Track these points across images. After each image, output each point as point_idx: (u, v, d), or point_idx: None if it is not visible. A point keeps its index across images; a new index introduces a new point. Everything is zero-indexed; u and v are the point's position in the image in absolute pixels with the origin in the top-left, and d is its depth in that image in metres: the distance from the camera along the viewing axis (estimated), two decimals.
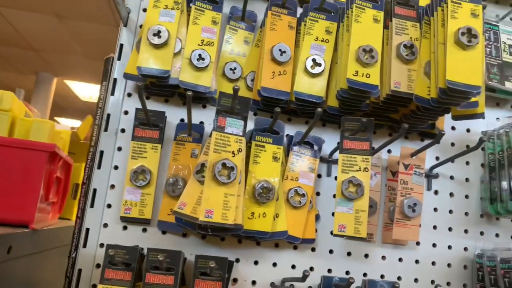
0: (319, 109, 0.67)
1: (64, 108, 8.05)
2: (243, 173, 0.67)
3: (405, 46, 0.73)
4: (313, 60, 0.76)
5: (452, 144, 0.89)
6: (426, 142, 0.88)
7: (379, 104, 0.76)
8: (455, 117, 0.80)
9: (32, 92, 6.73)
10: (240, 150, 0.65)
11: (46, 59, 6.16)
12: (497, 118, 0.92)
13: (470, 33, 0.67)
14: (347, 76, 0.70)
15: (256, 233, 0.71)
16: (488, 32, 0.91)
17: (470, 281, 0.83)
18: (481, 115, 0.77)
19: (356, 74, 0.71)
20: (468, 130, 0.91)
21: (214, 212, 0.62)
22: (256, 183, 0.71)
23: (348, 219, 0.70)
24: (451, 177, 0.88)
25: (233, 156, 0.64)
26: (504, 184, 0.81)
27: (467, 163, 0.89)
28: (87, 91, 6.49)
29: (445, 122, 0.88)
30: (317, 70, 0.76)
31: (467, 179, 0.88)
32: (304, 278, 0.65)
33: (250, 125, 0.74)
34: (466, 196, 0.88)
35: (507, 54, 0.90)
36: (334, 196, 0.82)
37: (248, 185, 0.71)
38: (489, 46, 0.89)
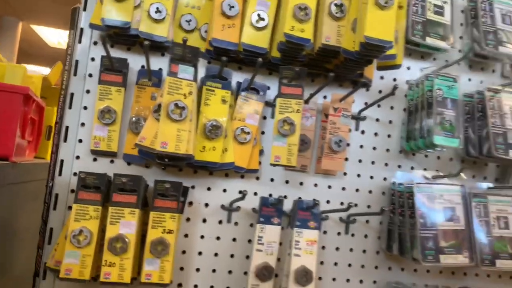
0: (260, 59, 0.79)
1: (31, 55, 7.80)
2: (194, 112, 0.80)
3: (335, 5, 0.85)
4: (258, 15, 0.87)
5: (380, 91, 1.04)
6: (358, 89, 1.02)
7: (314, 56, 0.89)
8: (379, 68, 0.94)
9: None
10: (191, 93, 0.77)
11: (9, 2, 5.88)
12: (421, 69, 1.07)
13: None
14: (284, 30, 0.82)
15: (207, 163, 0.85)
16: None
17: (386, 204, 1.01)
18: (399, 66, 0.92)
19: (292, 29, 0.83)
20: (394, 79, 1.05)
21: (169, 143, 0.75)
22: (206, 122, 0.84)
23: (282, 152, 0.85)
24: (377, 119, 1.03)
25: (184, 98, 0.77)
26: (417, 125, 0.98)
27: (392, 107, 1.05)
28: (55, 37, 6.28)
29: (374, 72, 1.02)
30: (262, 24, 0.87)
31: (390, 121, 1.04)
32: (243, 197, 0.80)
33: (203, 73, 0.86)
34: (389, 136, 1.04)
35: (431, 12, 1.03)
36: None
37: (200, 123, 0.84)
38: (416, 5, 1.02)
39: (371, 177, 1.02)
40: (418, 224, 0.88)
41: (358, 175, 1.02)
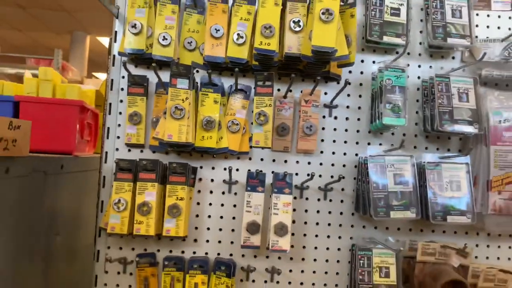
0: (236, 69, 1.08)
1: (100, 64, 8.59)
2: (191, 112, 1.10)
3: (293, 21, 1.10)
4: (238, 34, 1.14)
5: (349, 83, 1.26)
6: (329, 84, 1.26)
7: (284, 62, 1.15)
8: (339, 66, 1.18)
9: (69, 51, 7.28)
10: (187, 98, 1.08)
11: (78, 18, 6.60)
12: (376, 63, 1.27)
13: (328, 12, 1.03)
14: (255, 45, 1.09)
15: (207, 149, 1.15)
16: None
17: (357, 175, 1.25)
18: (352, 64, 1.15)
19: (261, 44, 1.09)
20: (361, 73, 1.27)
21: (173, 135, 1.06)
22: (203, 118, 1.14)
23: (260, 137, 1.13)
24: (347, 107, 1.27)
25: (182, 102, 1.07)
26: (376, 109, 1.19)
27: (360, 96, 1.27)
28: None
29: (344, 68, 1.25)
30: (241, 41, 1.14)
31: (359, 107, 1.27)
32: (230, 171, 1.09)
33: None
34: (358, 119, 1.27)
35: (388, 14, 1.23)
36: None
37: (198, 119, 1.14)
38: (374, 10, 1.23)
39: (344, 154, 1.26)
40: (372, 188, 1.11)
41: (333, 153, 1.26)
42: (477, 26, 1.30)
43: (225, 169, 1.23)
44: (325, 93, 1.26)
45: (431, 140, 1.28)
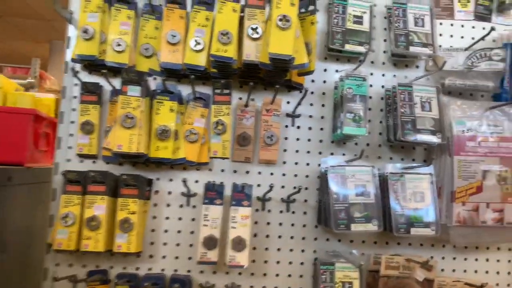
0: (192, 76, 1.03)
1: None
2: (144, 121, 1.05)
3: (251, 28, 1.06)
4: (195, 40, 1.10)
5: (312, 93, 1.24)
6: (292, 93, 1.23)
7: (242, 69, 1.11)
8: (298, 74, 1.15)
9: (48, 59, 7.15)
10: (139, 106, 1.03)
11: (56, 27, 6.50)
12: (337, 71, 1.25)
13: (285, 18, 1.00)
14: (211, 52, 1.05)
15: (161, 159, 1.10)
16: (338, 6, 1.22)
17: (320, 186, 1.21)
18: (312, 72, 1.12)
19: (217, 50, 1.05)
20: (324, 82, 1.25)
21: (123, 145, 1.01)
22: (157, 127, 1.09)
23: (218, 147, 1.08)
24: (310, 116, 1.23)
25: (134, 110, 1.02)
26: (337, 119, 1.16)
27: (323, 105, 1.24)
28: None
29: (306, 76, 1.22)
30: (199, 47, 1.10)
31: (322, 117, 1.24)
32: (184, 182, 1.04)
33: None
34: (321, 129, 1.23)
35: (351, 23, 1.21)
36: None
37: (153, 128, 1.09)
38: (337, 18, 1.21)
39: (307, 164, 1.22)
40: (332, 199, 1.07)
41: (296, 163, 1.22)
42: (440, 35, 1.29)
43: (183, 180, 1.18)
44: (288, 102, 1.23)
45: (395, 150, 1.25)
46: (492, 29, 1.10)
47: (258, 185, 1.20)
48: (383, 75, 1.27)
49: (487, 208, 1.14)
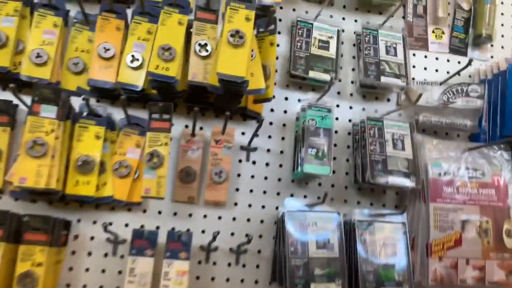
0: (123, 96, 0.85)
1: None
2: (59, 149, 0.85)
3: (199, 44, 0.90)
4: (132, 55, 0.93)
5: (271, 123, 1.08)
6: (248, 122, 1.06)
7: (189, 92, 0.94)
8: (255, 101, 0.98)
9: None
10: (53, 130, 0.82)
11: None
12: (299, 101, 1.10)
13: (238, 34, 0.85)
14: (149, 69, 0.88)
15: (82, 197, 0.89)
16: (302, 29, 1.08)
17: (276, 234, 1.02)
18: (270, 99, 0.96)
19: (157, 68, 0.88)
20: (285, 112, 1.09)
21: (28, 178, 0.79)
22: (78, 157, 0.88)
23: (152, 184, 0.88)
24: (268, 150, 1.06)
25: (46, 135, 0.82)
26: (300, 154, 1.00)
27: (283, 138, 1.08)
28: None
29: (265, 105, 1.06)
30: (136, 64, 0.92)
31: (281, 152, 1.07)
32: (105, 228, 0.83)
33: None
34: (280, 165, 1.06)
35: (316, 48, 1.07)
36: None
37: (72, 159, 0.88)
38: (300, 41, 1.07)
39: (263, 207, 1.04)
40: (288, 252, 0.89)
41: (250, 205, 1.04)
42: (414, 67, 1.18)
43: (110, 224, 0.97)
44: (243, 133, 1.06)
45: (364, 194, 1.09)
46: (471, 60, 0.99)
47: (203, 231, 1.00)
48: (350, 107, 1.12)
49: (466, 265, 0.98)
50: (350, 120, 1.11)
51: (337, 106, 1.11)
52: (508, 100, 1.03)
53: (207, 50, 0.90)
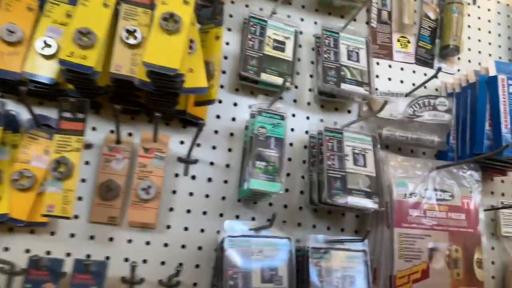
0: (24, 88, 0.67)
1: None
2: None
3: (127, 31, 0.74)
4: (44, 41, 0.76)
5: (216, 132, 0.92)
6: (188, 129, 0.90)
7: (114, 89, 0.78)
8: (196, 104, 0.83)
9: None
10: None
11: None
12: (249, 106, 0.96)
13: (172, 18, 0.70)
14: (61, 56, 0.71)
15: None
16: (255, 26, 0.95)
17: (217, 264, 0.86)
18: (213, 101, 0.81)
19: (71, 55, 0.71)
20: (233, 119, 0.94)
21: None
22: None
23: (57, 199, 0.70)
24: (211, 163, 0.91)
25: None
26: (247, 167, 0.85)
27: (230, 149, 0.92)
28: None
29: (209, 110, 0.91)
30: (48, 51, 0.75)
31: (227, 165, 0.92)
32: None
33: None
34: (225, 181, 0.91)
35: (270, 48, 0.94)
36: None
37: None
38: (253, 40, 0.93)
39: (202, 230, 0.88)
40: (227, 287, 0.72)
41: (186, 228, 0.87)
42: (377, 77, 1.07)
43: (6, 249, 0.77)
44: (181, 142, 0.90)
45: (320, 216, 0.95)
46: (440, 69, 0.89)
47: (126, 260, 0.82)
48: (307, 117, 0.99)
49: None
50: (307, 132, 0.98)
51: (293, 115, 0.98)
52: (479, 115, 0.94)
53: (135, 38, 0.75)
